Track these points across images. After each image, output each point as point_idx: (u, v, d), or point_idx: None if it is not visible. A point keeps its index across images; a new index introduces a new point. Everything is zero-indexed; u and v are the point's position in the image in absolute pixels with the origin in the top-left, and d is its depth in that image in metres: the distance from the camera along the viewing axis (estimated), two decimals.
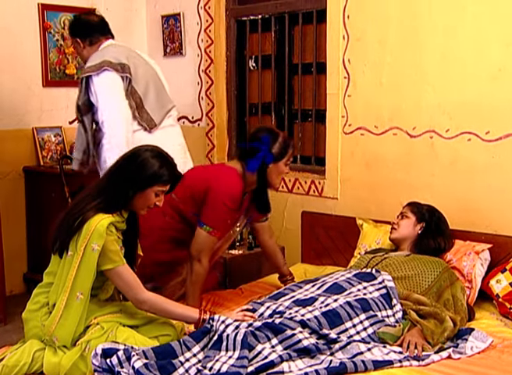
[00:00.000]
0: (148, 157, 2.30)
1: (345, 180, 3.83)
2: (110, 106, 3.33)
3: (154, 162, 2.30)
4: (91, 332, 2.18)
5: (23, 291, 4.60)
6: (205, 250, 2.81)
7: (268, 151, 2.85)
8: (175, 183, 2.38)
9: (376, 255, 2.86)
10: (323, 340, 2.21)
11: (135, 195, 2.30)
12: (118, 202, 2.29)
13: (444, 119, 3.34)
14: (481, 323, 2.63)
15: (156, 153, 2.33)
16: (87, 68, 3.34)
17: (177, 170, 2.38)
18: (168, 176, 2.33)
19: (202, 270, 2.80)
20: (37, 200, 4.50)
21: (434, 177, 3.41)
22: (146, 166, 2.28)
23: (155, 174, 2.29)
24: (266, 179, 2.89)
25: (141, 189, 2.30)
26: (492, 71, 3.15)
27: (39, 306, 2.26)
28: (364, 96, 3.68)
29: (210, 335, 2.15)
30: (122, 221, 2.33)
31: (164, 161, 2.33)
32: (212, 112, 4.66)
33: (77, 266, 2.16)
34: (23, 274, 4.62)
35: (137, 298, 2.25)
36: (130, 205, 2.33)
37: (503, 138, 3.14)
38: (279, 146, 2.88)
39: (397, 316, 2.45)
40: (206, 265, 2.82)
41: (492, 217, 3.20)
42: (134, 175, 2.28)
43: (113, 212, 2.27)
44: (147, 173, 2.28)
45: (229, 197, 2.80)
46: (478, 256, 2.84)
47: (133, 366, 1.90)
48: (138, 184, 2.28)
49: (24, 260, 4.62)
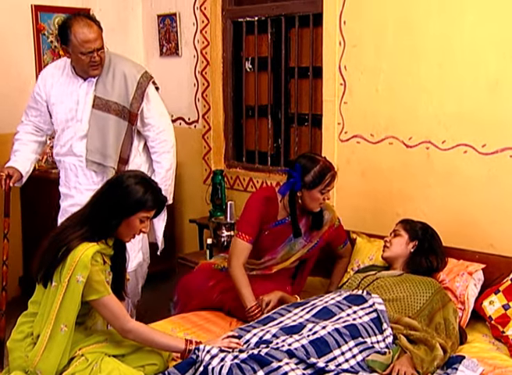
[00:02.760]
0: (132, 183, 2.27)
1: (340, 189, 3.78)
2: (167, 116, 3.52)
3: (138, 189, 2.27)
4: (75, 365, 2.16)
5: (19, 294, 4.60)
6: (233, 253, 2.98)
7: (298, 179, 2.96)
8: (160, 209, 2.35)
9: (368, 275, 2.83)
10: (311, 369, 2.19)
11: (120, 223, 2.28)
12: (103, 231, 2.26)
13: (440, 130, 3.29)
14: (473, 347, 2.60)
15: (140, 179, 2.30)
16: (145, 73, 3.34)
17: (162, 195, 2.35)
18: (153, 202, 2.30)
19: (231, 272, 2.93)
20: (33, 204, 4.48)
21: (430, 189, 3.37)
22: (130, 192, 2.26)
23: (140, 201, 2.27)
24: (295, 204, 3.01)
25: (126, 216, 2.27)
26: (489, 82, 3.09)
27: (23, 336, 2.24)
28: (360, 103, 3.62)
29: (195, 366, 2.13)
30: (109, 247, 2.31)
31: (148, 186, 2.30)
32: (208, 114, 4.61)
33: (61, 297, 2.13)
34: (18, 278, 4.61)
35: (123, 328, 2.23)
36: (116, 232, 2.30)
37: (500, 152, 3.09)
38: (312, 175, 2.96)
39: (387, 341, 2.43)
40: (234, 267, 2.93)
41: (487, 230, 3.16)
42: (118, 202, 2.25)
43: (98, 240, 2.24)
44: (131, 199, 2.26)
45: (254, 198, 3.09)
46: (471, 277, 2.81)
47: None
48: (123, 212, 2.26)
49: (20, 264, 4.61)
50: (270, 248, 3.09)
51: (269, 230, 3.10)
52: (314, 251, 3.14)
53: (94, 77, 3.21)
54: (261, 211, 3.06)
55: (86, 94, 3.23)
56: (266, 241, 3.11)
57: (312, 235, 3.08)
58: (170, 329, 2.75)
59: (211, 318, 2.93)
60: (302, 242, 3.07)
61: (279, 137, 4.34)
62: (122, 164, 3.29)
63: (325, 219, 3.10)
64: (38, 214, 4.42)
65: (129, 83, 3.23)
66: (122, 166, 3.29)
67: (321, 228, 3.10)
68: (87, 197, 3.11)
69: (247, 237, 2.98)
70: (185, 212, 4.93)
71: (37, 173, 4.40)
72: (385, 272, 2.86)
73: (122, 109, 3.23)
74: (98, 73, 3.19)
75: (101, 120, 3.21)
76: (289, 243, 3.07)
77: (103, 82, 3.21)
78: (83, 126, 3.24)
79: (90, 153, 3.23)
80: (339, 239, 3.21)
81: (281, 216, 3.11)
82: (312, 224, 3.09)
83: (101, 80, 3.22)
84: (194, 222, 4.44)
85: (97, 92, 3.21)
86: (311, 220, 3.09)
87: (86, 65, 3.13)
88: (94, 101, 3.21)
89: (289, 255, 3.06)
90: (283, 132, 4.29)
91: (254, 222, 3.04)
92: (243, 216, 3.08)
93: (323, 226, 3.10)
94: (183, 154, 4.87)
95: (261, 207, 3.07)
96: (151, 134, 3.37)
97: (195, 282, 3.12)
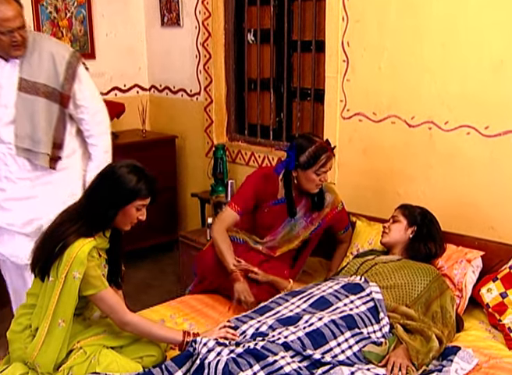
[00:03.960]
0: (124, 173, 2.25)
1: (342, 165, 3.76)
2: (100, 97, 3.30)
3: (131, 178, 2.25)
4: (74, 357, 2.19)
5: None
6: (218, 218, 3.13)
7: (293, 158, 2.95)
8: (155, 196, 2.35)
9: (366, 260, 2.83)
10: (307, 361, 2.21)
11: (117, 214, 2.27)
12: (99, 223, 2.26)
13: (443, 110, 3.24)
14: (469, 335, 2.61)
15: (132, 168, 2.28)
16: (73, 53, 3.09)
17: (156, 182, 2.34)
18: (147, 190, 2.29)
19: (213, 234, 3.05)
20: None
21: (432, 169, 3.34)
22: (123, 182, 2.24)
23: (133, 190, 2.26)
24: (290, 183, 3.02)
25: (122, 206, 2.27)
26: (493, 63, 3.02)
27: (22, 328, 2.26)
28: (362, 81, 3.57)
29: (192, 359, 2.15)
30: (106, 239, 2.31)
31: (141, 175, 2.28)
32: (210, 87, 4.56)
33: (59, 293, 2.14)
34: None
35: (121, 321, 2.24)
36: (113, 223, 2.30)
37: (502, 135, 3.04)
38: (307, 155, 2.94)
39: (384, 331, 2.44)
40: (216, 230, 3.03)
41: (488, 213, 3.14)
42: (113, 193, 2.24)
43: (95, 233, 2.25)
44: (125, 189, 2.24)
45: (253, 174, 3.16)
46: (469, 264, 2.80)
47: None
48: (118, 202, 2.25)
49: None
50: (271, 227, 3.10)
51: (269, 208, 3.11)
52: (317, 234, 3.14)
53: (17, 58, 2.94)
54: (257, 187, 3.10)
55: (9, 76, 2.96)
56: (266, 218, 3.11)
57: (313, 217, 3.08)
58: (169, 315, 2.78)
59: (210, 302, 2.95)
60: (302, 223, 3.07)
61: (281, 111, 4.29)
62: (56, 149, 3.04)
63: (326, 201, 3.09)
64: None
65: (57, 63, 2.98)
66: (56, 151, 3.04)
67: (322, 210, 3.09)
68: (21, 187, 3.00)
69: (235, 207, 3.06)
70: (187, 186, 4.93)
71: None
72: (384, 256, 2.85)
73: (52, 91, 2.98)
74: (21, 54, 2.92)
75: (29, 104, 2.95)
76: (290, 223, 3.07)
77: (28, 63, 2.95)
78: (9, 110, 2.97)
79: (19, 139, 2.98)
80: (341, 223, 3.20)
81: (281, 195, 3.11)
82: (312, 205, 3.09)
83: (25, 60, 2.95)
84: (196, 196, 4.44)
85: (23, 74, 2.94)
86: (311, 201, 3.09)
87: (7, 45, 2.85)
88: (19, 84, 2.94)
89: (289, 236, 3.06)
90: (285, 106, 4.24)
91: (246, 196, 3.11)
92: (239, 190, 3.18)
93: (324, 207, 3.09)
94: (185, 126, 4.87)
95: (258, 183, 3.11)
96: (85, 117, 3.12)
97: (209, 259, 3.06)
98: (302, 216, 3.07)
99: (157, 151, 4.73)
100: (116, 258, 2.42)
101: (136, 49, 5.01)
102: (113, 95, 4.93)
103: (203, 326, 2.69)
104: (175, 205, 4.93)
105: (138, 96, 5.05)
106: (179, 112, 4.89)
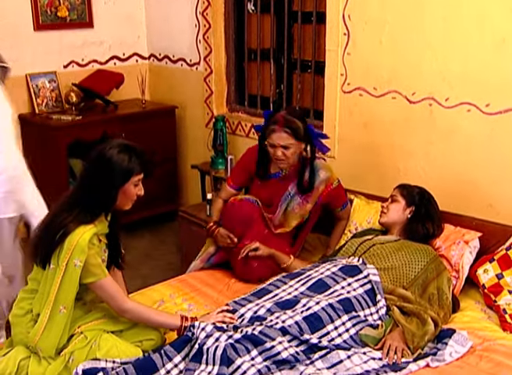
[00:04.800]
0: (115, 154, 2.25)
1: (342, 140, 3.76)
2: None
3: (122, 157, 2.25)
4: (75, 342, 2.22)
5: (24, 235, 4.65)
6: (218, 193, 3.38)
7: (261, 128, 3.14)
8: (149, 168, 2.35)
9: (364, 240, 2.84)
10: (304, 345, 2.25)
11: (117, 195, 2.29)
12: (101, 208, 2.27)
13: (444, 87, 3.21)
14: (465, 316, 2.64)
15: (121, 147, 2.28)
16: None
17: (146, 155, 2.34)
18: (140, 165, 2.30)
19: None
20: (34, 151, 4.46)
21: (432, 146, 3.33)
22: (116, 163, 2.24)
23: (127, 168, 2.26)
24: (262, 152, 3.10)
25: (120, 186, 2.28)
26: (495, 40, 2.98)
27: (24, 312, 2.29)
28: (363, 55, 3.53)
29: (191, 343, 2.19)
30: (106, 222, 2.33)
31: (130, 151, 2.28)
32: (210, 57, 4.51)
33: (60, 280, 2.16)
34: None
35: (120, 308, 2.27)
36: (115, 205, 2.31)
37: (503, 113, 3.02)
38: (264, 124, 3.09)
39: (381, 313, 2.47)
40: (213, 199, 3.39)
41: (487, 190, 3.15)
42: (108, 176, 2.24)
43: (96, 219, 2.26)
44: (120, 169, 2.25)
45: (247, 149, 3.27)
46: (467, 245, 2.81)
47: None
48: (116, 183, 2.26)
49: None
50: (269, 204, 3.11)
51: (261, 181, 3.14)
52: (316, 211, 3.15)
53: None
54: (249, 161, 3.18)
55: None
56: (263, 193, 3.12)
57: (307, 194, 3.07)
58: (169, 294, 2.81)
59: (209, 281, 2.98)
60: (297, 200, 3.06)
61: (281, 82, 4.26)
62: None
63: (320, 177, 3.07)
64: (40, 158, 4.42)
65: None
66: None
67: (316, 188, 3.06)
68: None
69: (229, 181, 3.26)
70: (187, 157, 4.92)
71: (37, 119, 4.39)
72: (382, 237, 2.87)
73: None
74: None
75: None
76: (286, 201, 3.07)
77: None
78: None
79: None
80: (337, 201, 3.19)
81: (274, 170, 3.13)
82: (297, 186, 3.08)
83: None
84: (196, 168, 4.44)
85: None
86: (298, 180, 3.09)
87: None
88: None
89: (287, 212, 3.06)
90: (286, 78, 4.20)
91: (237, 169, 3.28)
92: (234, 165, 3.35)
93: (317, 185, 3.06)
94: (185, 96, 4.84)
95: (251, 157, 3.17)
96: None
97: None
98: (296, 192, 3.07)
99: (157, 122, 4.72)
100: (116, 241, 2.43)
101: (135, 17, 4.94)
102: (112, 64, 4.88)
103: (202, 306, 2.73)
104: (175, 176, 4.93)
105: (137, 65, 5.00)
106: (178, 82, 4.85)
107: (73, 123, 4.28)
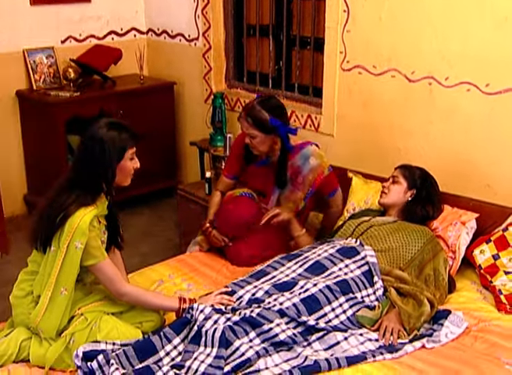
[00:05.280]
0: (105, 133, 2.25)
1: (341, 118, 3.75)
2: None
3: (113, 134, 2.26)
4: (75, 324, 2.24)
5: (25, 212, 4.70)
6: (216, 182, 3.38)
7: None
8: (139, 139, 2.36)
9: (362, 222, 2.85)
10: (301, 327, 2.27)
11: (115, 172, 2.29)
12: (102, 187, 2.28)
13: (444, 66, 3.20)
14: (461, 296, 2.67)
15: (108, 124, 2.28)
16: None
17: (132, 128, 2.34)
18: (131, 138, 2.31)
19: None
20: (32, 126, 4.46)
21: (431, 125, 3.33)
22: (108, 141, 2.24)
23: (121, 145, 2.27)
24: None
25: (117, 163, 2.28)
26: (496, 19, 2.96)
27: (24, 294, 2.31)
28: (363, 33, 3.50)
29: (190, 325, 2.21)
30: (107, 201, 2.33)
31: (119, 127, 2.29)
32: (209, 33, 4.47)
33: (61, 262, 2.18)
34: (23, 196, 4.69)
35: (118, 292, 2.29)
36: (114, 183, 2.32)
37: (503, 92, 3.02)
38: None
39: (378, 294, 2.49)
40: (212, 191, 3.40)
41: (485, 170, 3.15)
42: (103, 156, 2.24)
43: (96, 199, 2.26)
44: (113, 148, 2.25)
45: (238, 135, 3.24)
46: (464, 226, 2.82)
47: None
48: (112, 161, 2.26)
49: (24, 183, 4.67)
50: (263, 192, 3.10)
51: (252, 169, 3.13)
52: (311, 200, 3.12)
53: None
54: (238, 148, 3.15)
55: None
56: (256, 182, 3.12)
57: (297, 181, 3.02)
58: (168, 275, 2.83)
59: (207, 261, 3.00)
60: (290, 187, 3.04)
61: (280, 59, 4.23)
62: None
63: (310, 164, 3.01)
64: (38, 134, 4.42)
65: None
66: None
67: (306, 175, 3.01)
68: None
69: (225, 172, 3.25)
70: (186, 133, 4.91)
71: (35, 95, 4.37)
72: (380, 218, 2.88)
73: None
74: None
75: None
76: (278, 189, 3.06)
77: None
78: None
79: None
80: (326, 187, 3.09)
81: (261, 157, 3.08)
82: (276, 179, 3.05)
83: None
84: (195, 145, 4.43)
85: None
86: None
87: None
88: None
89: (280, 201, 3.05)
90: (285, 54, 4.17)
91: (231, 159, 3.24)
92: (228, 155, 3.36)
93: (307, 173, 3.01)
94: (183, 72, 4.81)
95: (239, 144, 3.14)
96: None
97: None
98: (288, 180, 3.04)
99: (155, 98, 4.69)
100: (115, 222, 2.45)
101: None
102: (110, 39, 4.84)
103: (201, 286, 2.75)
104: (174, 153, 4.93)
105: (135, 40, 4.96)
106: (177, 58, 4.81)
107: (71, 100, 4.26)
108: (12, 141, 4.53)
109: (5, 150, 4.49)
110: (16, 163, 4.60)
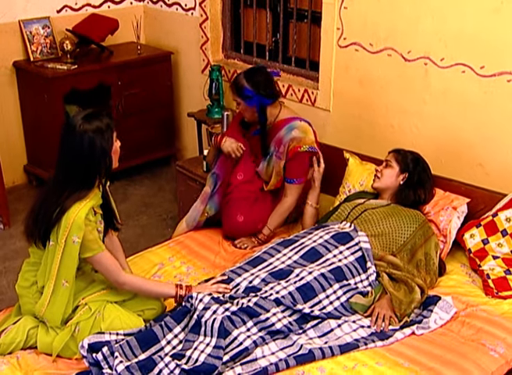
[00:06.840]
0: (87, 127, 2.25)
1: (337, 93, 3.78)
2: None
3: (96, 125, 2.26)
4: (80, 313, 2.34)
5: (25, 182, 4.76)
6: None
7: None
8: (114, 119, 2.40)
9: (357, 205, 2.93)
10: (297, 315, 2.38)
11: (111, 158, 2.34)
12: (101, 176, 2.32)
13: (440, 47, 3.22)
14: (450, 279, 2.77)
15: (85, 117, 2.28)
16: None
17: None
18: (111, 120, 2.34)
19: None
20: (31, 99, 4.48)
21: (425, 105, 3.37)
22: (95, 133, 2.26)
23: (107, 131, 2.29)
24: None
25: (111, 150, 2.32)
26: (494, 2, 2.97)
27: (29, 284, 2.40)
28: (360, 9, 3.50)
29: (190, 314, 2.32)
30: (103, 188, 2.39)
31: (97, 116, 2.30)
32: (205, 3, 4.44)
33: (60, 256, 2.25)
34: (23, 166, 4.74)
35: (117, 281, 2.37)
36: None
37: (497, 75, 3.05)
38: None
39: (371, 279, 2.59)
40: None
41: (477, 150, 3.22)
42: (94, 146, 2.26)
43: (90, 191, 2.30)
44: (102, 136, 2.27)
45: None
46: (455, 211, 2.90)
47: (115, 369, 2.08)
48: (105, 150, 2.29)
49: (23, 153, 4.71)
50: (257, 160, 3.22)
51: (250, 137, 3.25)
52: None
53: None
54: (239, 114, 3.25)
55: None
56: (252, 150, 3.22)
57: (280, 151, 3.10)
58: (168, 258, 2.93)
59: (206, 242, 3.10)
60: (275, 158, 3.12)
61: (277, 31, 4.22)
62: None
63: (291, 134, 3.07)
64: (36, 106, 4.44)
65: None
66: None
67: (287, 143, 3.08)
68: None
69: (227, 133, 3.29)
70: (183, 103, 4.93)
71: (32, 67, 4.37)
72: (374, 201, 2.95)
73: None
74: None
75: None
76: (266, 158, 3.15)
77: None
78: None
79: None
80: (290, 168, 3.11)
81: (255, 127, 3.21)
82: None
83: None
84: (193, 116, 4.46)
85: None
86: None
87: None
88: None
89: (268, 170, 3.14)
90: (282, 27, 4.17)
91: (233, 124, 3.33)
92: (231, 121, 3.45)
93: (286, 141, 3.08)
94: (180, 42, 4.80)
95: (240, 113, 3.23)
96: None
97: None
98: (273, 150, 3.13)
99: (152, 68, 4.69)
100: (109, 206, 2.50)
101: None
102: (106, 8, 4.79)
103: (200, 269, 2.85)
104: (171, 123, 4.96)
105: (132, 8, 4.92)
106: (174, 27, 4.79)
107: (69, 73, 4.26)
108: (11, 112, 4.55)
109: (4, 121, 4.51)
110: (16, 134, 4.63)
